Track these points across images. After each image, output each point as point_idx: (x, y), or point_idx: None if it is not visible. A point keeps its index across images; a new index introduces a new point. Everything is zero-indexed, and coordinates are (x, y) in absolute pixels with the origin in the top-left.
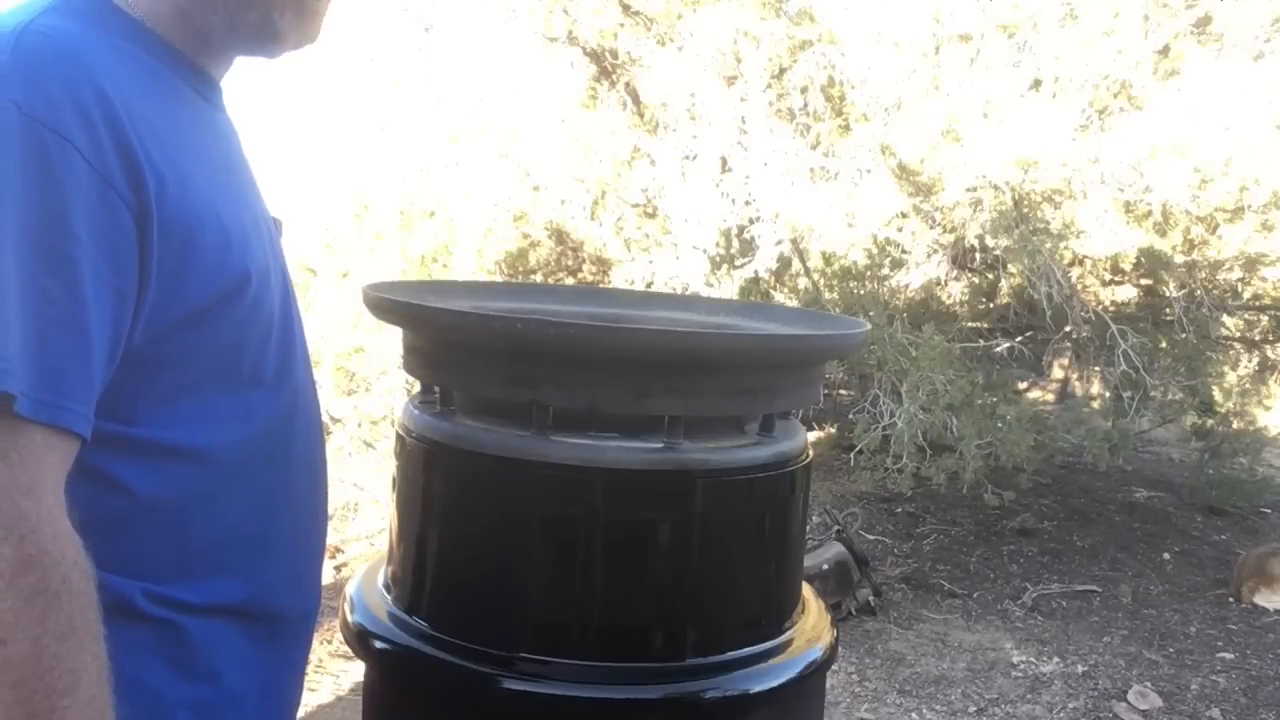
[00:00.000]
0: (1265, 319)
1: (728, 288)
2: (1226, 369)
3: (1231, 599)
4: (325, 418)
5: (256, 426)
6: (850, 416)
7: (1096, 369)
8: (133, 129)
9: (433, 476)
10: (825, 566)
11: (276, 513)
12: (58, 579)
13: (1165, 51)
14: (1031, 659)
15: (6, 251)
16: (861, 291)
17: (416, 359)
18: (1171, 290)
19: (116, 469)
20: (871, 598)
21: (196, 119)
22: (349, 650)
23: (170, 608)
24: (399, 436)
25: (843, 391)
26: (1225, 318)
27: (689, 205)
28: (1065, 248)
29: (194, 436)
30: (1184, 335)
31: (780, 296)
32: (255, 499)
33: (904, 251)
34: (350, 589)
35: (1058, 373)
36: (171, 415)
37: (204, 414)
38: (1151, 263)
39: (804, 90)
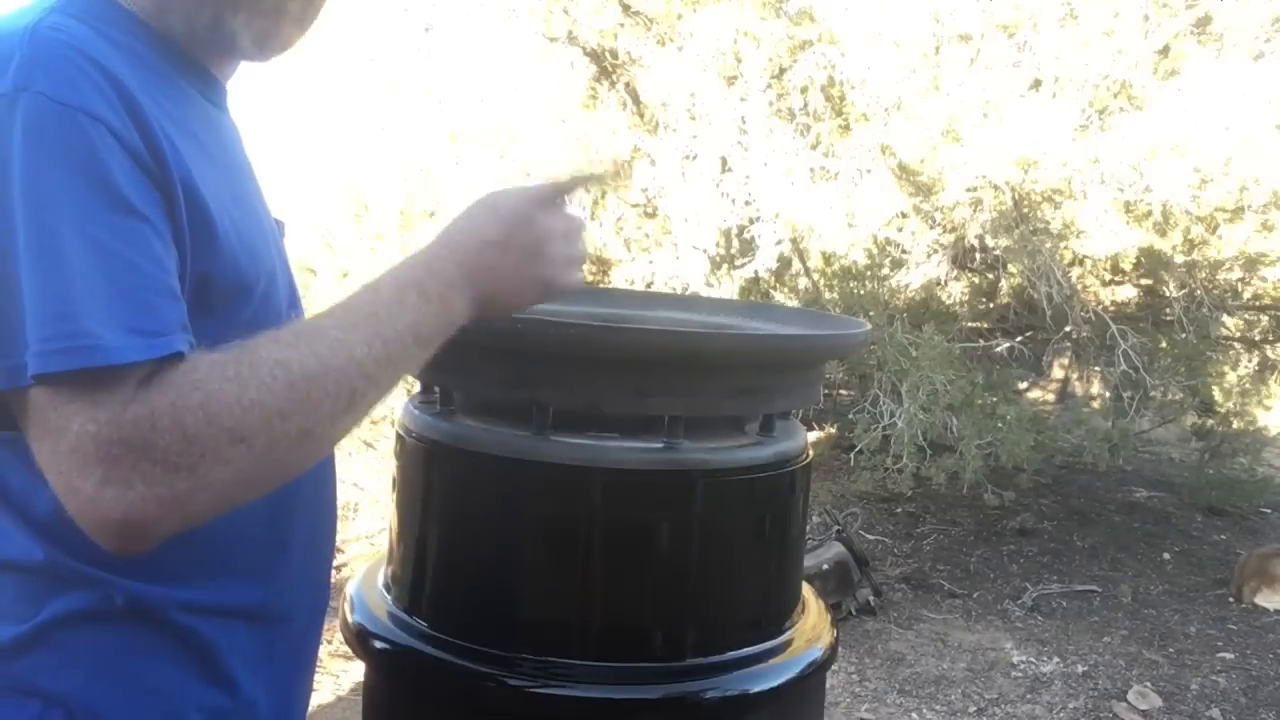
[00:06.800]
0: (1265, 319)
1: (728, 288)
2: (1226, 369)
3: (1231, 599)
4: None
5: None
6: (850, 416)
7: (1096, 369)
8: (150, 118)
9: (433, 476)
10: (825, 566)
11: (288, 515)
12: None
13: (1165, 51)
14: (1031, 659)
15: (70, 238)
16: (861, 291)
17: None
18: (1171, 290)
19: None
20: (871, 598)
21: (202, 119)
22: (349, 650)
23: (185, 611)
24: (399, 436)
25: (843, 391)
26: (1225, 318)
27: (689, 205)
28: (1065, 248)
29: None
30: (1184, 335)
31: (780, 296)
32: (267, 501)
33: (904, 251)
34: (350, 589)
35: (1058, 373)
36: None
37: None
38: (1151, 263)
39: (804, 90)
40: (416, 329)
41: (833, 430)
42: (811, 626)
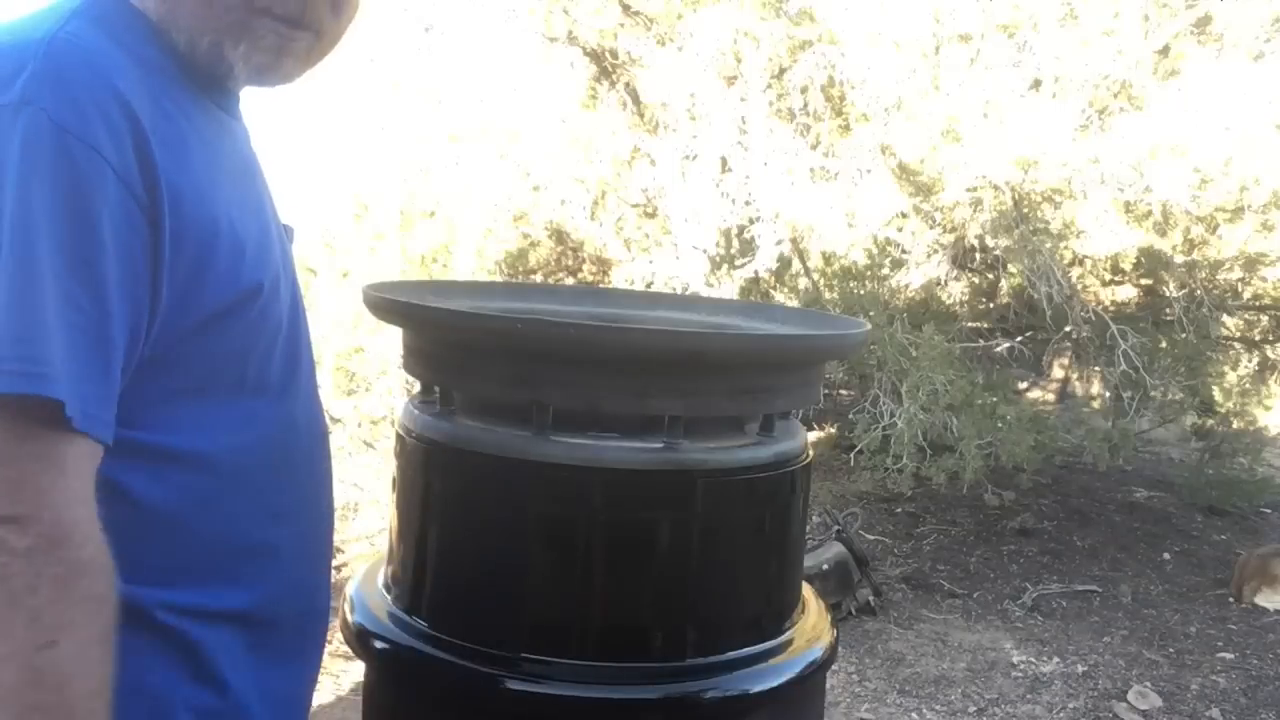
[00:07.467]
0: (1265, 319)
1: (728, 288)
2: (1226, 369)
3: (1231, 599)
4: (325, 419)
5: (259, 433)
6: (850, 416)
7: (1096, 369)
8: (154, 139)
9: (433, 476)
10: (825, 566)
11: (281, 521)
12: (104, 584)
13: (1165, 51)
14: (1031, 659)
15: (42, 260)
16: (861, 291)
17: (416, 359)
18: (1171, 290)
19: (116, 473)
20: (871, 598)
21: (212, 126)
22: (349, 650)
23: (175, 614)
24: (399, 436)
25: (843, 391)
26: (1225, 318)
27: (689, 205)
28: (1065, 248)
29: (194, 441)
30: (1184, 335)
31: (780, 296)
32: (259, 506)
33: (904, 251)
34: (350, 589)
35: (1058, 373)
36: (172, 419)
37: (206, 419)
38: (1151, 263)
39: (804, 90)
40: None
41: (833, 430)
42: (811, 626)
